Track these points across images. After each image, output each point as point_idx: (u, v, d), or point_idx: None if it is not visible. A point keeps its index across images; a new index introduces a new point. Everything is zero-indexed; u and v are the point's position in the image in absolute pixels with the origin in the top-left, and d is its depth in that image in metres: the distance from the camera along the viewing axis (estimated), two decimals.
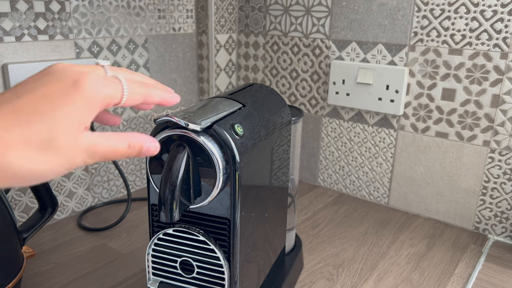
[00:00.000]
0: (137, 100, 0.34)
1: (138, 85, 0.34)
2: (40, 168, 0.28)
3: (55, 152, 0.28)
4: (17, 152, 0.27)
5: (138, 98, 0.34)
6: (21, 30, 0.70)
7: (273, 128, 0.50)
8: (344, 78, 0.89)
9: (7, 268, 0.52)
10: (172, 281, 0.48)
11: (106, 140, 0.31)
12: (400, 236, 0.80)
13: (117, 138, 0.32)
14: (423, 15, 0.79)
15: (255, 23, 1.02)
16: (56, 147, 0.28)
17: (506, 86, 0.73)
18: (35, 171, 0.28)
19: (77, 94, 0.29)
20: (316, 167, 1.00)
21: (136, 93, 0.34)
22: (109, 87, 0.31)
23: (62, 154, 0.29)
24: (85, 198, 0.85)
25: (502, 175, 0.77)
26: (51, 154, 0.28)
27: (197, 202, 0.42)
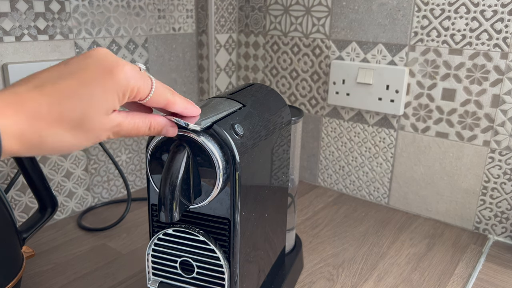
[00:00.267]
0: (162, 101, 0.37)
1: (166, 88, 0.37)
2: (67, 143, 0.32)
3: (85, 131, 0.32)
4: (53, 129, 0.30)
5: (163, 99, 0.37)
6: (21, 30, 0.70)
7: (273, 128, 0.50)
8: (344, 78, 0.89)
9: (7, 268, 0.51)
10: (172, 281, 0.48)
11: (131, 120, 0.35)
12: (400, 236, 0.79)
13: (140, 118, 0.36)
14: (423, 15, 0.79)
15: (255, 23, 1.02)
16: (86, 127, 0.32)
17: (506, 86, 0.73)
18: (63, 145, 0.31)
19: (112, 82, 0.32)
20: (316, 167, 1.00)
21: (162, 93, 0.36)
22: (140, 81, 0.34)
23: (90, 133, 0.32)
24: (85, 198, 0.85)
25: (502, 175, 0.77)
26: (80, 132, 0.32)
27: (197, 202, 0.42)
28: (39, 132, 0.30)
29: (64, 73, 0.32)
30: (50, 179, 0.79)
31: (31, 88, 0.31)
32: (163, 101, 0.37)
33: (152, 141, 0.42)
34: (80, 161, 0.82)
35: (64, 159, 0.80)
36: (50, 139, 0.31)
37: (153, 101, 0.36)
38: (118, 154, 0.89)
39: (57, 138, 0.31)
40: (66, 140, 0.31)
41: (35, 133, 0.30)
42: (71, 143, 0.32)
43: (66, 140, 0.31)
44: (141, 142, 0.93)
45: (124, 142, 0.89)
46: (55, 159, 0.78)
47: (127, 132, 0.35)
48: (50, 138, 0.31)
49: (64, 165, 0.80)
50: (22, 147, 0.30)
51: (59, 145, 0.31)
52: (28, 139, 0.30)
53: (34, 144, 0.30)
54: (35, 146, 0.30)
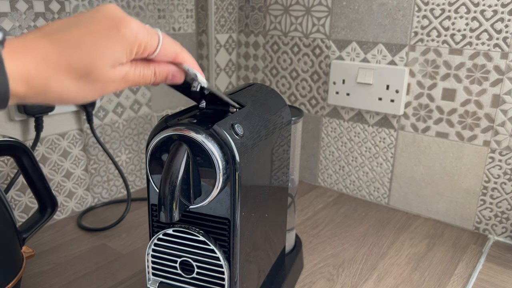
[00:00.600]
0: (170, 54, 0.37)
1: (173, 42, 0.37)
2: (72, 93, 0.32)
3: (91, 82, 0.32)
4: (60, 76, 0.31)
5: (171, 52, 0.37)
6: (21, 30, 0.69)
7: (273, 128, 0.50)
8: (344, 78, 0.89)
9: (7, 268, 0.51)
10: (172, 281, 0.48)
11: (136, 69, 0.35)
12: (400, 236, 0.79)
13: (144, 66, 0.36)
14: (423, 15, 0.79)
15: (255, 23, 1.02)
16: (93, 78, 0.32)
17: (506, 86, 0.73)
18: (68, 95, 0.32)
19: (118, 36, 0.33)
20: (316, 167, 1.00)
21: (170, 47, 0.37)
22: (147, 36, 0.34)
23: (96, 84, 0.33)
24: (85, 198, 0.85)
25: (502, 175, 0.77)
26: (86, 83, 0.32)
27: (197, 202, 0.42)
28: (46, 78, 0.31)
29: (73, 23, 0.32)
30: (50, 179, 0.79)
31: (41, 35, 0.31)
32: (171, 54, 0.37)
33: (152, 141, 0.42)
34: (80, 161, 0.82)
35: (64, 159, 0.80)
36: (56, 86, 0.31)
37: (161, 54, 0.36)
38: (118, 154, 0.89)
39: (62, 86, 0.31)
40: (71, 90, 0.32)
41: (41, 78, 0.30)
42: (76, 93, 0.32)
43: (71, 89, 0.32)
44: (141, 142, 0.93)
45: (124, 142, 0.89)
46: (55, 159, 0.78)
47: (134, 81, 0.36)
48: (56, 85, 0.31)
49: (64, 165, 0.80)
50: (28, 91, 0.30)
51: (64, 94, 0.32)
52: (34, 83, 0.30)
53: (40, 89, 0.31)
54: (41, 92, 0.31)
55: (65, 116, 0.78)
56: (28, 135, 0.74)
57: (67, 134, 0.79)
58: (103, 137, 0.85)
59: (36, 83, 0.30)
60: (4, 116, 0.70)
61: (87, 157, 0.83)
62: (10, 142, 0.55)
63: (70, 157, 0.81)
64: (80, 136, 0.81)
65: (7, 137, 0.55)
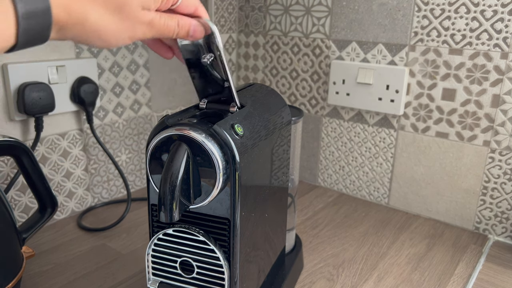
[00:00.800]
0: (191, 6, 0.40)
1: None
2: (109, 27, 0.35)
3: (123, 18, 0.35)
4: (97, 7, 0.33)
5: (192, 5, 0.40)
6: None
7: (273, 128, 0.50)
8: (344, 78, 0.89)
9: (7, 268, 0.51)
10: (172, 281, 0.48)
11: (161, 18, 0.38)
12: (400, 236, 0.79)
13: (169, 16, 0.39)
14: (423, 15, 0.79)
15: (255, 23, 1.02)
16: (125, 13, 0.35)
17: (506, 86, 0.73)
18: (105, 28, 0.34)
19: None
20: (316, 167, 1.00)
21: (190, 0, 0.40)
22: None
23: (127, 22, 0.35)
24: (85, 198, 0.85)
25: (502, 175, 0.77)
26: (120, 17, 0.35)
27: (197, 202, 0.42)
28: (84, 6, 0.33)
29: None
30: (50, 179, 0.79)
31: None
32: (192, 7, 0.40)
33: (152, 141, 0.42)
34: (80, 161, 0.82)
35: (64, 159, 0.80)
36: (93, 16, 0.33)
37: (183, 5, 0.39)
38: (118, 154, 0.89)
39: (99, 17, 0.34)
40: (106, 23, 0.34)
41: (80, 7, 0.33)
42: (111, 27, 0.35)
43: (107, 22, 0.34)
44: (141, 142, 0.93)
45: (124, 142, 0.89)
46: (55, 159, 0.78)
47: (159, 29, 0.38)
48: (93, 15, 0.33)
49: (64, 165, 0.80)
50: (69, 19, 0.32)
51: (101, 26, 0.34)
52: (73, 11, 0.32)
53: (78, 18, 0.33)
54: (79, 21, 0.33)
55: (65, 116, 0.78)
56: (28, 135, 0.74)
57: (67, 134, 0.79)
58: (103, 137, 0.85)
59: (75, 10, 0.32)
60: (4, 116, 0.70)
61: (87, 157, 0.83)
62: (10, 142, 0.55)
63: (70, 157, 0.81)
64: (80, 136, 0.81)
65: (7, 137, 0.55)
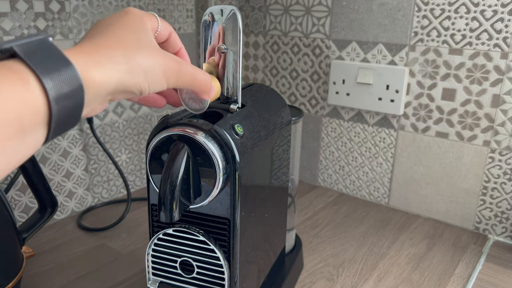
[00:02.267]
0: (176, 47, 0.40)
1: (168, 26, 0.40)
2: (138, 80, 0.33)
3: None
4: None
5: (167, 31, 0.39)
6: (21, 30, 0.69)
7: (273, 128, 0.50)
8: (344, 78, 0.89)
9: (7, 268, 0.51)
10: (172, 281, 0.48)
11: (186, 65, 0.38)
12: (400, 236, 0.79)
13: (191, 66, 0.38)
14: (423, 15, 0.79)
15: (255, 23, 1.02)
16: None
17: (506, 86, 0.73)
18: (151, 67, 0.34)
19: (130, 19, 0.35)
20: (316, 167, 1.00)
21: (166, 27, 0.39)
22: (148, 15, 0.37)
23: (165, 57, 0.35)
24: (85, 198, 0.85)
25: (502, 175, 0.77)
26: None
27: (197, 202, 0.42)
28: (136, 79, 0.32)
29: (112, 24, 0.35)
30: (50, 179, 0.79)
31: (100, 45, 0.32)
32: (177, 46, 0.41)
33: (152, 141, 0.42)
34: (80, 161, 0.82)
35: (64, 159, 0.80)
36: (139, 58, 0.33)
37: (173, 41, 0.40)
38: (118, 154, 0.89)
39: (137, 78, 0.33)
40: None
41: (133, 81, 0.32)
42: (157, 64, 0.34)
43: None
44: (141, 142, 0.93)
45: (124, 142, 0.89)
46: (55, 159, 0.78)
47: (184, 78, 0.37)
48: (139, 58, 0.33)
49: (64, 165, 0.80)
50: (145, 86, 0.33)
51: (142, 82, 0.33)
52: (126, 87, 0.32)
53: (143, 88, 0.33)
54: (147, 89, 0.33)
55: None
56: None
57: (67, 134, 0.79)
58: (103, 137, 0.85)
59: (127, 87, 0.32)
60: None
61: (87, 157, 0.83)
62: None
63: (70, 157, 0.81)
64: (80, 136, 0.81)
65: None
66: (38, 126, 0.26)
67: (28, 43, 0.26)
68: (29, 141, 0.26)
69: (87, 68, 0.28)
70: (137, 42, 0.33)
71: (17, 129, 0.24)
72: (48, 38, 0.28)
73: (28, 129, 0.25)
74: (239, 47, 0.43)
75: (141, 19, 0.36)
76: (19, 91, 0.24)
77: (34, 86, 0.25)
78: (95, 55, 0.30)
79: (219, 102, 0.46)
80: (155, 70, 0.33)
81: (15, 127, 0.24)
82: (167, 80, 0.35)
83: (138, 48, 0.33)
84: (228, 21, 0.43)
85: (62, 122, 0.27)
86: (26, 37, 0.27)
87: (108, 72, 0.30)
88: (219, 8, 0.44)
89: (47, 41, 0.27)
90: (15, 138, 0.25)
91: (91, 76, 0.28)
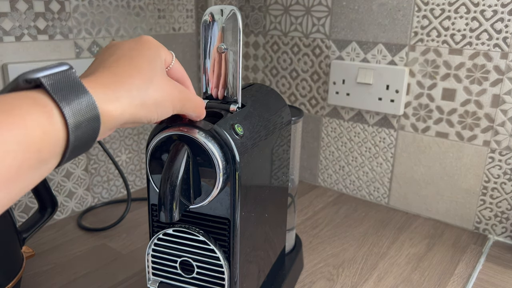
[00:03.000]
0: (180, 73, 0.41)
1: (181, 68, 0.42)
2: None
3: None
4: None
5: (180, 72, 0.41)
6: (21, 30, 0.69)
7: (273, 128, 0.50)
8: (344, 78, 0.89)
9: (7, 268, 0.51)
10: (172, 281, 0.48)
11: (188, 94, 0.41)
12: (400, 236, 0.79)
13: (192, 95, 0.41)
14: (423, 15, 0.79)
15: (255, 23, 1.02)
16: None
17: (506, 86, 0.73)
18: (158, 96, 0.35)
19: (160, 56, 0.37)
20: (316, 167, 1.00)
21: (179, 67, 0.41)
22: (164, 49, 0.39)
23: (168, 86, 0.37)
24: (85, 198, 0.85)
25: (502, 175, 0.77)
26: None
27: (197, 202, 0.42)
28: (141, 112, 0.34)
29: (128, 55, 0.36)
30: (50, 179, 0.79)
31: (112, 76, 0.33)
32: (180, 75, 0.41)
33: (152, 141, 0.42)
34: (80, 161, 0.82)
35: None
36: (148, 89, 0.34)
37: (175, 68, 0.40)
38: (118, 154, 0.89)
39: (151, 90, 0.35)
40: None
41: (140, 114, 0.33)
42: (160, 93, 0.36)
43: None
44: (141, 142, 0.93)
45: (124, 142, 0.89)
46: None
47: (189, 104, 0.39)
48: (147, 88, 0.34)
49: (64, 165, 0.80)
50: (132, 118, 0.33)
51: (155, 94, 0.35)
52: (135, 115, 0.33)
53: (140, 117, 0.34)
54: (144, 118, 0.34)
55: None
56: None
57: None
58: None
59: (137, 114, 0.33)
60: None
61: (87, 157, 0.83)
62: None
63: None
64: None
65: None
66: (56, 156, 0.27)
67: (53, 75, 0.28)
68: (44, 169, 0.27)
69: (105, 101, 0.30)
70: (152, 73, 0.35)
71: (36, 160, 0.26)
72: (72, 69, 0.29)
73: (46, 159, 0.27)
74: (239, 47, 0.43)
75: (157, 48, 0.38)
76: (42, 124, 0.26)
77: (57, 120, 0.27)
78: (113, 87, 0.31)
79: (219, 102, 0.46)
80: (165, 101, 0.35)
81: (35, 158, 0.26)
82: (174, 108, 0.37)
83: (152, 80, 0.35)
84: (228, 21, 0.43)
85: (75, 151, 0.29)
86: (51, 67, 0.28)
87: (124, 106, 0.32)
88: (219, 8, 0.44)
89: (71, 73, 0.29)
90: (34, 168, 0.26)
91: (107, 109, 0.30)
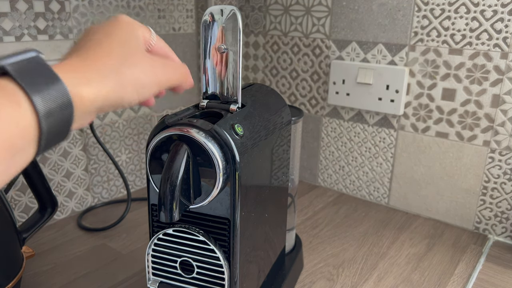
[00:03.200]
0: (163, 49, 0.40)
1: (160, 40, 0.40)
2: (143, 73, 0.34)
3: None
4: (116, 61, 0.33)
5: (162, 48, 0.40)
6: (21, 30, 0.69)
7: (273, 128, 0.50)
8: (344, 78, 0.89)
9: (7, 268, 0.51)
10: (172, 281, 0.48)
11: None
12: (400, 236, 0.79)
13: None
14: (423, 15, 0.79)
15: (255, 23, 1.02)
16: None
17: (506, 86, 0.73)
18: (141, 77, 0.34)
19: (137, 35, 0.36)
20: (316, 167, 1.00)
21: (160, 42, 0.39)
22: (141, 27, 0.38)
23: None
24: (85, 198, 0.85)
25: (502, 175, 0.77)
26: None
27: (197, 202, 0.42)
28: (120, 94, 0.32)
29: None
30: (50, 179, 0.79)
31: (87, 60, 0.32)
32: (164, 47, 0.40)
33: (152, 141, 0.42)
34: (80, 161, 0.82)
35: (64, 159, 0.80)
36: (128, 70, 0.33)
37: (157, 45, 0.39)
38: (118, 154, 0.89)
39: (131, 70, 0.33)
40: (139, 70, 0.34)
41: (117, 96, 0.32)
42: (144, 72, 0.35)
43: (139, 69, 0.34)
44: (141, 142, 0.93)
45: (124, 142, 0.89)
46: (55, 159, 0.78)
47: None
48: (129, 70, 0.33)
49: (64, 165, 0.80)
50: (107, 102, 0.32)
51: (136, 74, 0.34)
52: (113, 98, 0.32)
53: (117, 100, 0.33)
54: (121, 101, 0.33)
55: None
56: None
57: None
58: (103, 137, 0.85)
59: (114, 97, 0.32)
60: None
61: (87, 157, 0.83)
62: None
63: (70, 157, 0.81)
64: (80, 136, 0.81)
65: None
66: (28, 144, 0.26)
67: (20, 62, 0.27)
68: (19, 158, 0.26)
69: (76, 85, 0.29)
70: (125, 52, 0.33)
71: (8, 150, 0.25)
72: (39, 55, 0.28)
73: (18, 149, 0.26)
74: (239, 47, 0.43)
75: (132, 26, 0.36)
76: (10, 113, 0.25)
77: (25, 107, 0.26)
78: (83, 71, 0.30)
79: (219, 102, 0.46)
80: (145, 80, 0.34)
81: (6, 148, 0.25)
82: (159, 85, 0.35)
83: (126, 59, 0.33)
84: (228, 21, 0.43)
85: (52, 138, 0.28)
86: (18, 54, 0.27)
87: (96, 89, 0.30)
88: (219, 8, 0.44)
89: (38, 58, 0.28)
90: (6, 159, 0.25)
91: (79, 93, 0.29)
